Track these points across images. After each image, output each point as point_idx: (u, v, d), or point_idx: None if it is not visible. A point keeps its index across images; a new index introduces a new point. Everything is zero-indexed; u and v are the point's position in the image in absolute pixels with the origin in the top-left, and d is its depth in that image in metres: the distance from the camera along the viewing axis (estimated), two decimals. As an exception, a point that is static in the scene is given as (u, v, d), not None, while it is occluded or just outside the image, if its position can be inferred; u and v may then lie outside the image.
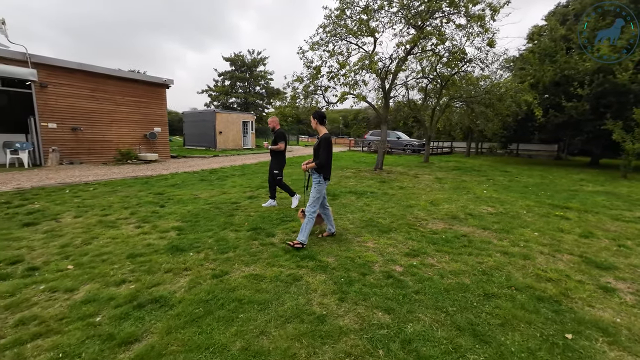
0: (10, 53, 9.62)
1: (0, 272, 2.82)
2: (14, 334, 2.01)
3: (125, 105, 12.69)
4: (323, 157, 3.50)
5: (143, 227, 4.26)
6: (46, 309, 2.29)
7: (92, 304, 2.35)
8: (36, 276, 2.80)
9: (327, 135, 3.59)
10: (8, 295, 2.46)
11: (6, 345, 1.90)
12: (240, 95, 36.48)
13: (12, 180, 7.62)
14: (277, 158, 5.53)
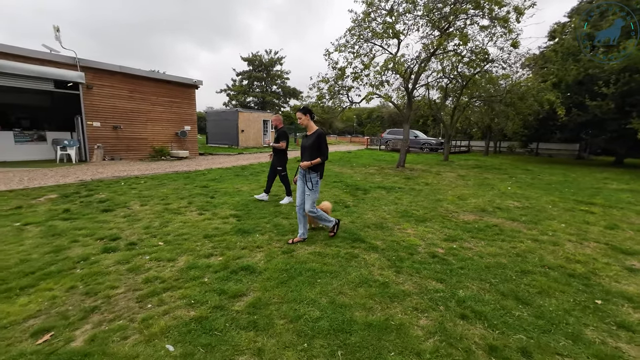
0: (62, 57, 10.50)
1: (109, 246, 3.42)
2: (146, 288, 2.57)
3: (160, 105, 13.49)
4: (326, 152, 3.47)
5: (205, 214, 4.84)
6: (161, 272, 2.85)
7: (195, 270, 2.89)
8: (137, 249, 3.38)
9: (321, 130, 3.54)
10: (125, 262, 3.04)
11: (146, 295, 2.45)
12: (258, 94, 37.31)
13: (70, 174, 8.42)
14: (279, 155, 5.70)
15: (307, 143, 3.52)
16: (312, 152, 3.47)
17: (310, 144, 3.47)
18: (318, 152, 3.46)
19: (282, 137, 5.61)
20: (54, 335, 1.94)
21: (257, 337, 1.97)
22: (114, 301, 2.35)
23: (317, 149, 3.44)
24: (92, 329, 2.01)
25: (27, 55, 9.90)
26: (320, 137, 3.48)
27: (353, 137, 46.48)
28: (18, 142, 10.99)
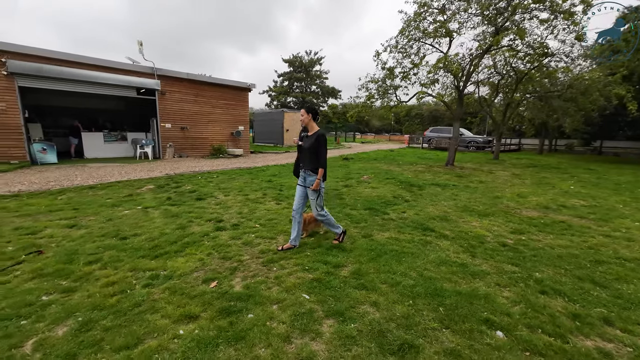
0: (143, 68, 12.08)
1: (218, 226, 4.19)
2: (265, 257, 3.22)
3: (219, 107, 14.81)
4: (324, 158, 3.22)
5: (281, 204, 5.52)
6: (270, 247, 3.50)
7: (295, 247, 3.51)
8: (241, 229, 4.10)
9: (322, 131, 3.30)
10: (238, 238, 3.76)
11: (268, 261, 3.09)
12: (298, 94, 38.47)
13: (154, 169, 9.77)
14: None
15: (306, 144, 3.25)
16: (310, 154, 3.25)
17: (309, 146, 3.22)
18: (316, 156, 3.21)
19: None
20: (219, 283, 2.63)
21: (369, 294, 2.48)
22: (247, 264, 3.02)
23: (315, 152, 3.20)
24: (242, 281, 2.68)
25: (116, 67, 11.57)
26: (319, 139, 3.19)
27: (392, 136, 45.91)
28: (107, 142, 12.85)
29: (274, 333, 1.99)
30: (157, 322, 2.08)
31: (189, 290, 2.51)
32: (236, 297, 2.40)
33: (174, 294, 2.45)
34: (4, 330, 1.96)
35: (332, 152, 18.34)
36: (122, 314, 2.16)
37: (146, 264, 2.98)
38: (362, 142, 36.05)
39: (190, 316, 2.15)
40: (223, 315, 2.17)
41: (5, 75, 9.31)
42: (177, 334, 1.97)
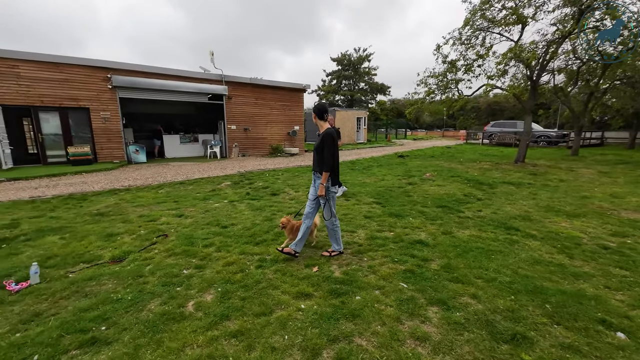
0: (213, 75, 13.35)
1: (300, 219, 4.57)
2: (352, 248, 3.47)
3: (276, 108, 15.66)
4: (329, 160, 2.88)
5: (350, 200, 5.76)
6: (353, 239, 3.74)
7: (378, 240, 3.69)
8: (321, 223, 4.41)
9: (329, 130, 2.96)
10: (320, 230, 4.07)
11: (356, 252, 3.34)
12: (346, 92, 38.57)
13: (225, 167, 10.79)
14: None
15: (317, 145, 3.03)
16: (317, 155, 3.04)
17: (316, 146, 3.04)
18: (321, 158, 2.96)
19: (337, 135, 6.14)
20: (319, 268, 2.95)
21: (466, 287, 2.57)
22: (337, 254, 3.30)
23: (321, 153, 2.95)
24: (339, 268, 2.96)
25: (191, 76, 12.96)
26: (323, 138, 2.92)
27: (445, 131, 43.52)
28: (182, 143, 14.47)
29: (385, 314, 2.21)
30: (279, 297, 2.45)
31: (296, 272, 2.86)
32: (340, 281, 2.67)
33: (284, 275, 2.82)
34: (169, 293, 2.49)
35: (385, 150, 18.14)
36: (250, 288, 2.57)
37: (251, 249, 3.44)
38: (413, 139, 34.83)
39: (306, 294, 2.48)
40: (333, 296, 2.45)
41: (110, 89, 11.08)
42: (300, 307, 2.30)
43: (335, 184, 3.07)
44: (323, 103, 2.97)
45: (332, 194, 3.09)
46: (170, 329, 2.04)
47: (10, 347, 1.88)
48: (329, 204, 3.07)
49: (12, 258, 3.23)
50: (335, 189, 3.12)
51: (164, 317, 2.17)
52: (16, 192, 6.62)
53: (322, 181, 2.93)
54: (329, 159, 2.90)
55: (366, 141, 24.33)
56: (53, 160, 10.63)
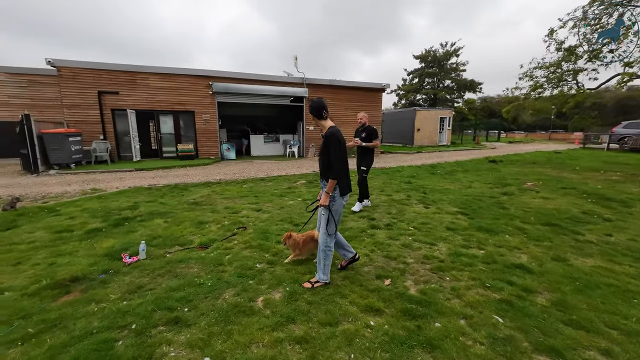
0: (295, 79, 14.09)
1: (372, 224, 4.31)
2: (431, 263, 3.07)
3: (351, 109, 15.57)
4: (336, 165, 2.43)
5: (430, 208, 5.21)
6: (433, 253, 3.31)
7: (464, 257, 3.18)
8: (396, 230, 4.07)
9: (333, 129, 2.52)
10: (395, 239, 3.75)
11: (436, 269, 2.93)
12: (429, 91, 36.02)
13: (301, 166, 11.23)
14: (367, 155, 5.26)
15: (322, 148, 2.63)
16: (322, 160, 2.60)
17: (321, 149, 2.62)
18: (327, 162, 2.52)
19: (374, 135, 5.12)
20: (392, 281, 2.67)
21: (592, 338, 1.94)
22: (413, 268, 2.96)
23: (326, 157, 2.53)
24: (416, 285, 2.63)
25: (275, 80, 13.92)
26: (326, 140, 2.52)
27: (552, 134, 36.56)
28: (265, 142, 15.70)
29: (473, 352, 1.82)
30: (347, 307, 2.28)
31: (366, 283, 2.65)
32: (415, 301, 2.35)
33: (353, 283, 2.64)
34: (242, 285, 2.60)
35: (472, 154, 16.18)
36: (317, 293, 2.49)
37: (321, 250, 3.37)
38: (508, 141, 30.29)
39: (375, 309, 2.25)
40: (407, 317, 2.16)
41: (210, 94, 12.76)
42: (369, 324, 2.09)
43: (344, 194, 2.55)
44: (319, 99, 2.63)
45: (337, 206, 2.55)
46: (240, 322, 2.09)
47: (118, 312, 2.21)
48: (331, 218, 2.53)
49: (130, 235, 3.90)
50: (343, 201, 2.60)
51: (235, 308, 2.25)
52: (139, 180, 8.15)
53: (327, 189, 2.46)
54: (336, 163, 2.42)
55: (449, 143, 22.19)
56: (167, 155, 12.82)
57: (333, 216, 2.54)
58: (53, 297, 2.41)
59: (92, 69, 11.10)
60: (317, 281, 2.60)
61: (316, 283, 2.59)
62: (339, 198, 2.54)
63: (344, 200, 2.60)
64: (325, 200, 2.49)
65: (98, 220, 4.52)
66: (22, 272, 2.89)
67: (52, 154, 9.41)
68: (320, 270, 2.61)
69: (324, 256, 2.59)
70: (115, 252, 3.27)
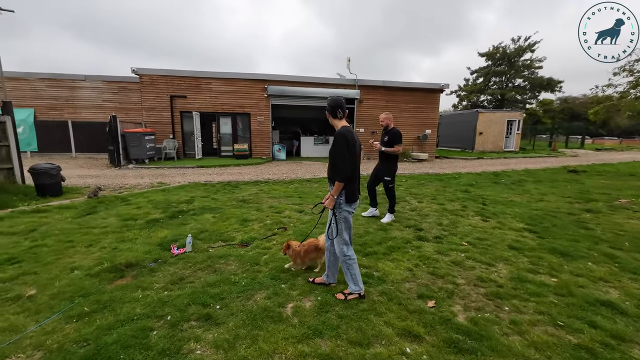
0: (347, 80, 13.99)
1: (419, 235, 3.95)
2: (486, 287, 2.65)
3: (407, 111, 14.86)
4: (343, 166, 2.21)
5: (489, 222, 4.60)
6: (489, 275, 2.87)
7: (529, 284, 2.68)
8: (446, 244, 3.65)
9: (343, 129, 2.31)
10: (444, 254, 3.35)
11: (492, 294, 2.52)
12: (495, 91, 32.70)
13: (349, 168, 11.05)
14: (389, 162, 4.59)
15: (331, 150, 2.40)
16: (330, 161, 2.38)
17: (330, 149, 2.40)
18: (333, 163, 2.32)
19: (397, 139, 4.43)
20: (437, 304, 2.36)
21: None
22: (464, 291, 2.58)
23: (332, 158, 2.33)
24: (465, 311, 2.28)
25: (327, 82, 13.97)
26: (334, 140, 2.32)
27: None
28: (315, 144, 15.88)
29: (536, 409, 1.46)
30: (381, 327, 2.06)
31: (405, 302, 2.39)
32: (464, 331, 2.02)
33: (391, 300, 2.40)
34: (274, 288, 2.55)
35: (547, 162, 14.16)
36: (350, 306, 2.31)
37: (359, 259, 3.17)
38: (596, 148, 25.90)
39: (414, 335, 1.99)
40: (452, 349, 1.86)
41: (265, 97, 13.36)
42: (404, 351, 1.84)
43: (351, 201, 2.33)
44: (337, 97, 2.44)
45: (345, 213, 2.35)
46: (266, 328, 2.03)
47: (158, 302, 2.33)
48: (341, 226, 2.36)
49: (181, 227, 4.18)
50: (351, 208, 2.37)
51: (264, 312, 2.19)
52: (198, 176, 8.86)
53: (333, 192, 2.29)
54: (342, 164, 2.23)
55: (518, 149, 19.78)
56: (224, 154, 13.77)
57: (341, 224, 2.35)
58: (109, 280, 2.66)
59: (166, 75, 12.48)
60: (350, 293, 2.42)
61: (349, 295, 2.41)
62: (345, 205, 2.33)
63: (352, 207, 2.38)
64: (330, 203, 2.31)
65: (159, 211, 4.97)
66: (91, 253, 3.27)
67: (132, 151, 10.81)
68: (350, 281, 2.41)
69: (347, 267, 2.40)
70: (167, 243, 3.52)
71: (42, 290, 2.48)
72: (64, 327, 2.03)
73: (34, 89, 13.46)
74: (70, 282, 2.60)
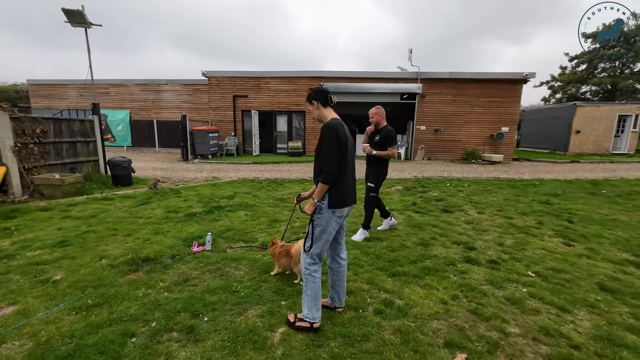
0: (408, 74, 12.93)
1: (469, 256, 3.19)
2: (553, 345, 1.90)
3: (479, 106, 13.04)
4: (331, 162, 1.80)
5: (574, 246, 3.52)
6: (560, 326, 2.07)
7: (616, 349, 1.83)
8: (503, 272, 2.86)
9: (334, 121, 1.89)
10: (498, 286, 2.60)
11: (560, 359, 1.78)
12: (603, 80, 26.69)
13: (404, 169, 10.18)
14: (378, 166, 3.86)
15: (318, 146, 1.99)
16: (317, 159, 1.98)
17: (317, 144, 1.98)
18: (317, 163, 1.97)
19: (391, 140, 3.67)
20: (469, 356, 1.75)
21: None
22: (516, 345, 1.89)
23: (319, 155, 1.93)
24: (510, 379, 1.63)
25: (386, 77, 13.12)
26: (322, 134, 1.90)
27: None
28: (371, 142, 15.16)
29: None
30: (382, 381, 1.59)
31: (425, 349, 1.83)
32: (500, 412, 1.41)
33: (405, 343, 1.87)
34: (271, 305, 2.26)
35: None
36: (354, 341, 1.88)
37: (383, 280, 2.66)
38: None
39: (424, 403, 1.46)
40: None
41: (320, 94, 13.23)
42: None
43: (335, 206, 1.88)
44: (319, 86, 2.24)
45: (323, 220, 1.89)
46: (244, 356, 1.74)
47: (154, 303, 2.25)
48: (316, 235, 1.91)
49: (213, 223, 4.22)
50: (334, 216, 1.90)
51: (249, 334, 1.92)
52: (250, 172, 9.19)
53: (315, 194, 1.89)
54: (331, 162, 1.83)
55: (632, 152, 15.69)
56: (280, 151, 14.15)
57: (317, 234, 1.91)
58: (124, 273, 2.73)
59: (230, 77, 13.35)
60: (301, 319, 1.98)
61: (299, 321, 1.98)
62: (327, 211, 1.89)
63: (336, 215, 1.91)
64: (309, 207, 1.91)
65: (200, 205, 5.17)
66: (125, 243, 3.48)
67: (198, 147, 11.86)
68: (305, 305, 1.98)
69: (305, 283, 1.99)
70: (192, 239, 3.55)
71: (67, 276, 2.67)
72: (64, 318, 2.08)
73: (130, 93, 15.92)
74: (93, 271, 2.74)
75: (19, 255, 3.10)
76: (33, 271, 2.75)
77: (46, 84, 16.50)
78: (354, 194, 2.05)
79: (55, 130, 6.29)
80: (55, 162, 6.26)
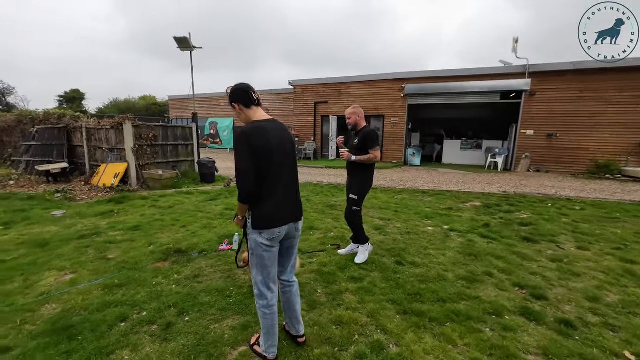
0: (512, 68, 10.81)
1: (530, 307, 2.33)
2: None
3: (619, 104, 9.79)
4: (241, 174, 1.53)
5: None
6: None
7: None
8: (590, 341, 1.95)
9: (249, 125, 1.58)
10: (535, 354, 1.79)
11: None
12: None
13: (494, 182, 8.50)
14: (361, 174, 3.17)
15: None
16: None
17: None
18: None
19: (370, 142, 3.03)
20: None
21: None
22: None
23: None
24: None
25: (484, 73, 11.28)
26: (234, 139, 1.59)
27: None
28: (462, 149, 13.33)
29: None
30: None
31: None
32: None
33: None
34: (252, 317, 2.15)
35: None
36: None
37: (388, 316, 2.20)
38: None
39: None
40: None
41: (402, 97, 12.43)
42: None
43: (260, 227, 1.57)
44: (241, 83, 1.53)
45: (253, 244, 1.63)
46: (192, 368, 1.69)
47: (157, 294, 2.46)
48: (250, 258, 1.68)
49: (253, 224, 4.42)
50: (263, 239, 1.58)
51: (211, 346, 1.86)
52: (318, 176, 9.33)
53: (237, 210, 1.65)
54: (241, 176, 1.54)
55: None
56: (356, 156, 13.94)
57: (250, 257, 1.68)
58: (155, 260, 3.10)
59: (313, 84, 13.98)
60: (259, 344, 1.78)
61: (257, 346, 1.80)
62: (254, 234, 1.60)
63: (265, 238, 1.58)
64: (237, 221, 1.69)
65: (255, 205, 5.52)
66: (176, 233, 3.98)
67: (279, 150, 12.84)
68: (262, 338, 1.74)
69: (260, 319, 1.72)
70: (227, 236, 3.79)
71: (119, 255, 3.21)
72: (92, 292, 2.49)
73: (234, 104, 18.60)
74: (137, 255, 3.22)
75: (104, 234, 3.92)
76: (102, 248, 3.42)
77: (178, 98, 20.96)
78: (295, 211, 1.72)
79: (163, 135, 7.83)
80: (162, 161, 7.79)
